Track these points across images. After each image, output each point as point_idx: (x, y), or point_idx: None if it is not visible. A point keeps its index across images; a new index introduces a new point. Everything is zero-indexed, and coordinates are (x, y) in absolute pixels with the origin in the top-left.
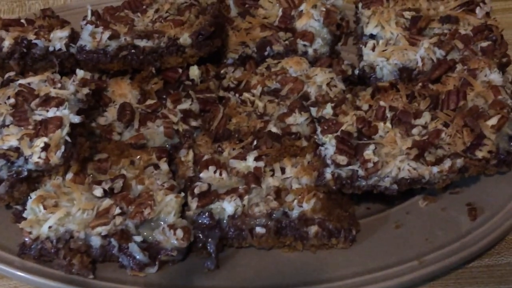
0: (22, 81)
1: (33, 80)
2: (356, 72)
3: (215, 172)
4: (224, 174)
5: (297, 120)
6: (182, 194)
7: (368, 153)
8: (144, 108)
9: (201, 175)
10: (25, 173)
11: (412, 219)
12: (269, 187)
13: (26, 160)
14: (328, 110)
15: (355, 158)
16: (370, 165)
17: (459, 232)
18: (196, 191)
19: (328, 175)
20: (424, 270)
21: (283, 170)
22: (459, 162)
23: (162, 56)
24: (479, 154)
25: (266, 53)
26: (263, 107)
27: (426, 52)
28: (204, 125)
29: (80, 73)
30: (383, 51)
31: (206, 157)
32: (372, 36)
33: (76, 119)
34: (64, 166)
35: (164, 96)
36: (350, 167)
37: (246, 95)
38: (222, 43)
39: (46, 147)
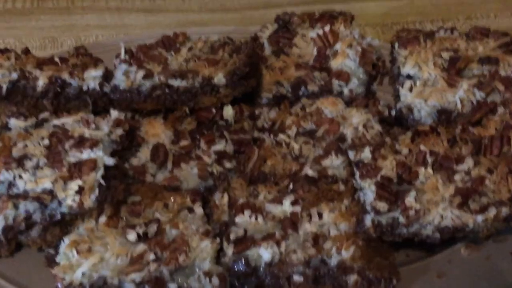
0: (56, 121)
1: (67, 121)
2: (393, 113)
3: (250, 216)
4: (260, 219)
5: (334, 163)
6: (218, 239)
7: (410, 200)
8: (177, 149)
9: (237, 219)
10: (59, 217)
11: (454, 268)
12: (306, 233)
13: (60, 203)
14: (366, 154)
15: (396, 205)
16: (411, 212)
17: (505, 282)
18: (232, 236)
19: (368, 222)
20: None
21: (320, 215)
22: (505, 210)
23: (196, 96)
24: None
25: (300, 93)
26: (299, 149)
27: (466, 94)
28: (238, 167)
29: (114, 113)
30: (421, 92)
31: (241, 200)
32: (409, 77)
33: (111, 161)
34: (98, 209)
35: (198, 137)
36: (391, 214)
37: (281, 136)
38: (257, 83)
39: (80, 190)
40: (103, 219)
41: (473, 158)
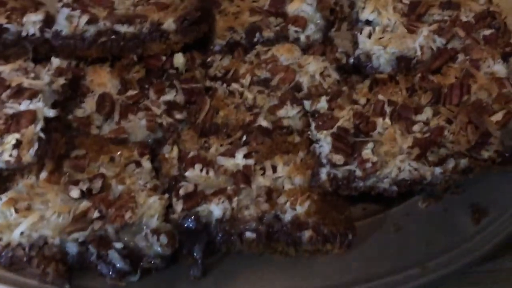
0: None
1: (4, 69)
2: (351, 60)
3: (201, 170)
4: (211, 173)
5: (289, 113)
6: (166, 195)
7: (367, 152)
8: (125, 99)
9: (187, 173)
10: None
11: (412, 221)
12: (259, 188)
13: None
14: (323, 104)
15: (352, 157)
16: (368, 165)
17: (462, 236)
18: (182, 192)
19: (323, 176)
20: (426, 278)
21: (274, 169)
22: (463, 162)
23: (145, 43)
24: (485, 154)
25: (255, 40)
26: (253, 99)
27: (426, 40)
28: (189, 118)
29: (55, 61)
30: (380, 38)
31: (192, 153)
32: (368, 22)
33: (51, 113)
34: (38, 164)
35: (147, 86)
36: (347, 167)
37: (234, 86)
38: (209, 29)
39: (18, 144)
40: (44, 174)
41: (432, 108)
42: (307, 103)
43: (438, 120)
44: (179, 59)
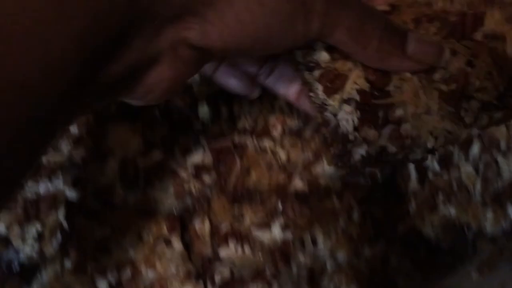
0: None
1: None
2: None
3: (236, 247)
4: (247, 249)
5: (326, 170)
6: (201, 282)
7: (407, 128)
8: (149, 162)
9: (221, 253)
10: (18, 269)
11: None
12: (300, 267)
13: (17, 252)
14: (322, 54)
15: (384, 129)
16: (407, 142)
17: None
18: (218, 279)
19: (357, 156)
20: None
21: (314, 242)
22: (497, 116)
23: None
24: None
25: None
26: (286, 157)
27: None
28: (219, 181)
29: (74, 130)
30: None
31: (224, 227)
32: None
33: (74, 195)
34: (61, 250)
35: (171, 144)
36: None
37: (266, 142)
38: None
39: (39, 235)
40: (68, 263)
41: (448, 46)
42: (298, 52)
43: (459, 63)
44: (204, 110)
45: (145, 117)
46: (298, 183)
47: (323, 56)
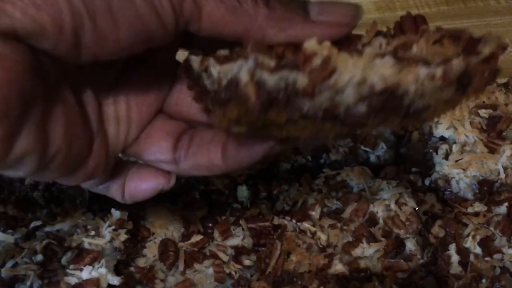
0: (49, 228)
1: (63, 226)
2: (427, 182)
3: None
4: None
5: (365, 252)
6: None
7: None
8: (189, 245)
9: None
10: None
11: None
12: None
13: None
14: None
15: None
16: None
17: None
18: None
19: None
20: None
21: None
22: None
23: (207, 177)
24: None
25: (322, 162)
26: (326, 239)
27: (509, 161)
28: (259, 264)
29: (115, 214)
30: (458, 160)
31: None
32: (442, 138)
33: (115, 280)
34: None
35: (211, 225)
36: None
37: (305, 225)
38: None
39: None
40: None
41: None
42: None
43: None
44: (243, 192)
45: (184, 198)
46: (338, 266)
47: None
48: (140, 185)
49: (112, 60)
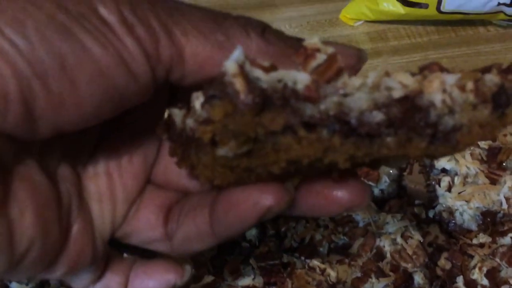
0: None
1: None
2: (431, 214)
3: None
4: None
5: (375, 287)
6: None
7: None
8: (200, 286)
9: None
10: None
11: None
12: None
13: None
14: None
15: None
16: None
17: None
18: None
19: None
20: None
21: None
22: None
23: None
24: None
25: None
26: (335, 275)
27: (511, 191)
28: None
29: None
30: (461, 192)
31: None
32: (444, 170)
33: None
34: None
35: (220, 265)
36: None
37: (315, 262)
38: None
39: None
40: None
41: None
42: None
43: None
44: (251, 231)
45: None
46: None
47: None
48: (148, 284)
49: (80, 129)
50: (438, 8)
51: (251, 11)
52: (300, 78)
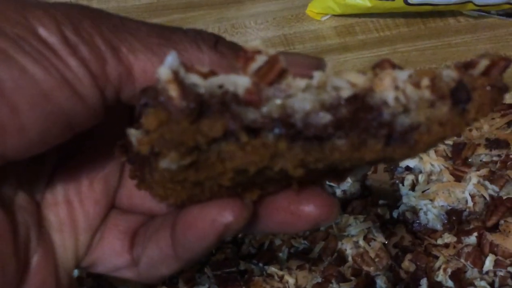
0: None
1: None
2: (395, 215)
3: None
4: None
5: None
6: None
7: None
8: None
9: None
10: None
11: None
12: None
13: None
14: None
15: None
16: None
17: None
18: None
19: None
20: None
21: None
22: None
23: None
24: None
25: None
26: (294, 282)
27: (476, 188)
28: None
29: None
30: (425, 190)
31: None
32: (408, 168)
33: None
34: None
35: (175, 275)
36: None
37: (272, 269)
38: None
39: None
40: None
41: None
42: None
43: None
44: None
45: None
46: None
47: None
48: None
49: (28, 156)
50: (405, 0)
51: (216, 8)
52: (240, 82)
